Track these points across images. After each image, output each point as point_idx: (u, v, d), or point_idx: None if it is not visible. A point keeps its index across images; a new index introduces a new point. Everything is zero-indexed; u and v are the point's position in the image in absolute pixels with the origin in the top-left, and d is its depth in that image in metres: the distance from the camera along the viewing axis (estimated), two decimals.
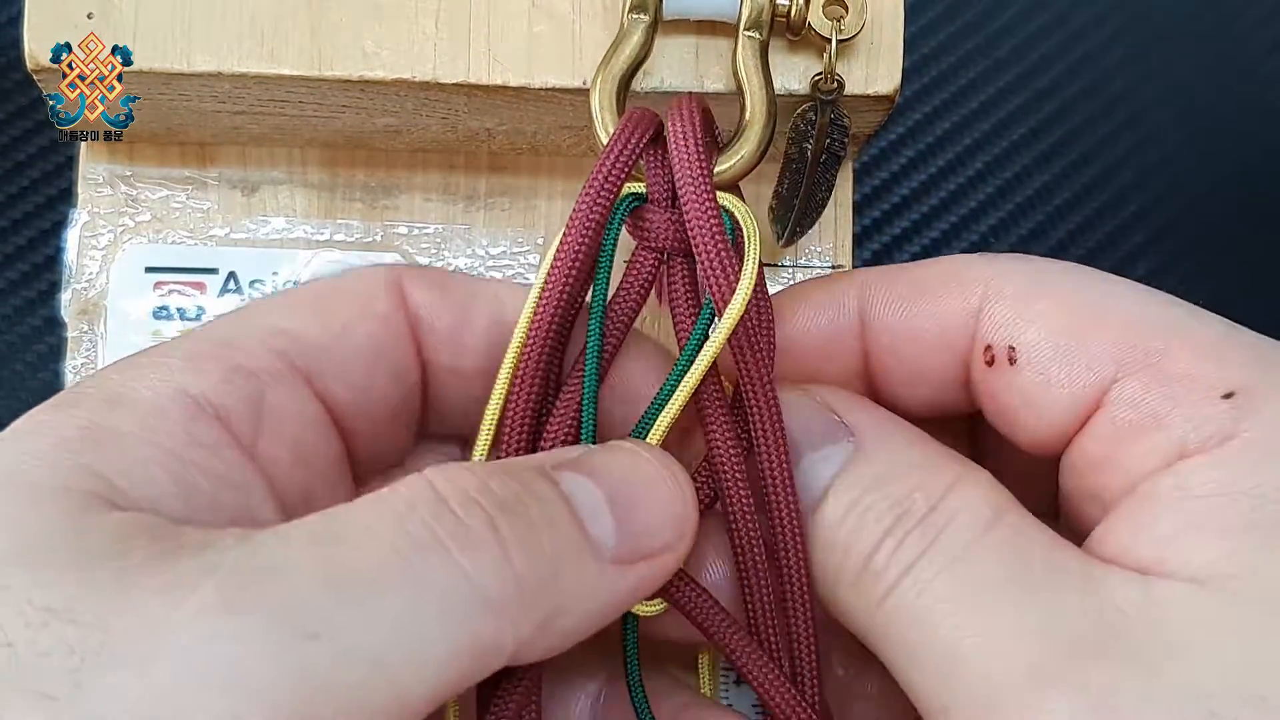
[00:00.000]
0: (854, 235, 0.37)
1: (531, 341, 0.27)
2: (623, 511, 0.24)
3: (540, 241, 0.36)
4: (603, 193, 0.27)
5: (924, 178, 0.49)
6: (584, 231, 0.27)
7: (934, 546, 0.24)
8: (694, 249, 0.26)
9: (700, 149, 0.27)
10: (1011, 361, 0.26)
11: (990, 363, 0.26)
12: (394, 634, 0.20)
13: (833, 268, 0.36)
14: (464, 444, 0.30)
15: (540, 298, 0.27)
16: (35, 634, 0.20)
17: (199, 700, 0.19)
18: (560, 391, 0.28)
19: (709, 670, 0.30)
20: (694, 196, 0.26)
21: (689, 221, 0.27)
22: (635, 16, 0.29)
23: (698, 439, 0.28)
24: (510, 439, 0.27)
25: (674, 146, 0.27)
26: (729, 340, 0.27)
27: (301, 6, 0.31)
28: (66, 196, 0.37)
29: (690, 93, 0.28)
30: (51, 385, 0.36)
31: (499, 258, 0.36)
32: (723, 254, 0.26)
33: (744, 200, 0.28)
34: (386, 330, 0.27)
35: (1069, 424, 0.25)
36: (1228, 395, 0.23)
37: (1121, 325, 0.25)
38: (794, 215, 0.32)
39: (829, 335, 0.28)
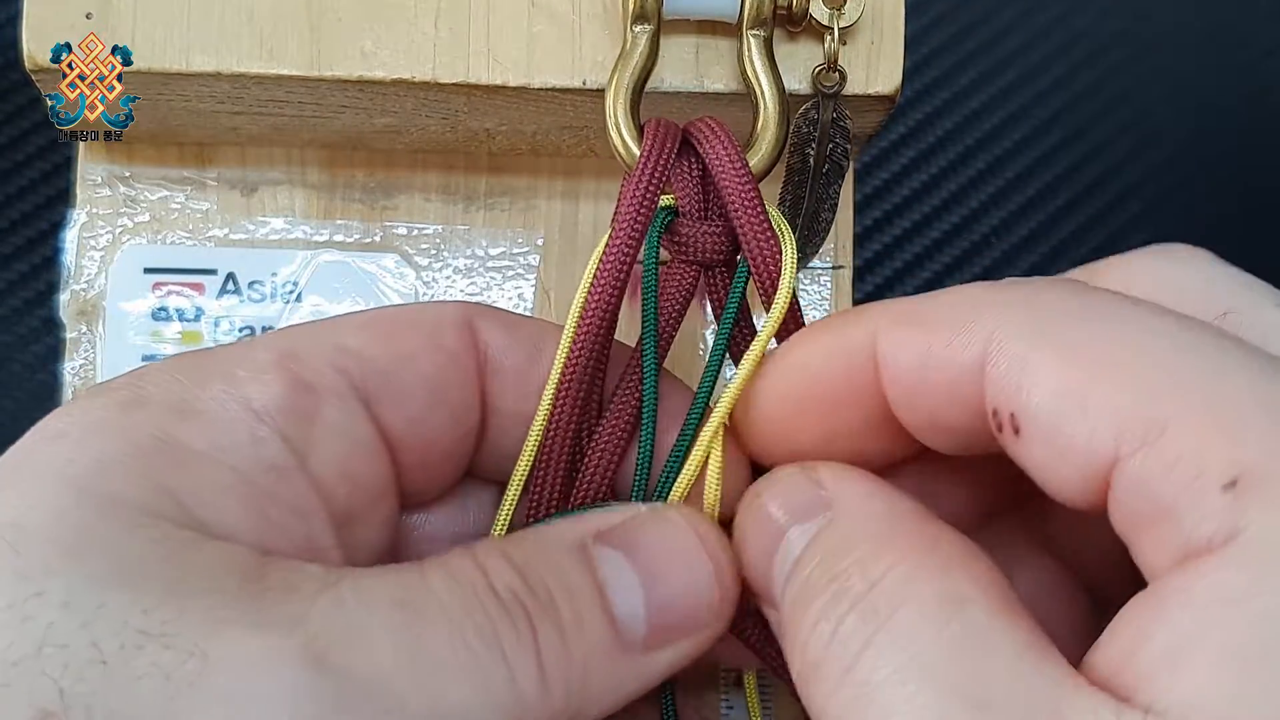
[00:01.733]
0: (855, 235, 0.37)
1: (571, 369, 0.27)
2: (657, 594, 0.24)
3: (540, 242, 0.36)
4: (642, 208, 0.27)
5: (925, 178, 0.49)
6: (625, 250, 0.27)
7: (879, 636, 0.21)
8: (750, 261, 0.27)
9: (743, 163, 0.27)
10: (1016, 431, 0.22)
11: (1000, 429, 0.23)
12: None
13: (833, 268, 0.36)
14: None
15: (580, 318, 0.27)
16: (130, 656, 0.20)
17: None
18: (603, 416, 0.28)
19: (753, 692, 0.30)
20: (746, 211, 0.27)
21: (744, 236, 0.27)
22: (639, 28, 0.29)
23: None
24: (547, 472, 0.28)
25: (716, 165, 0.27)
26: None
27: (300, 6, 0.31)
28: (65, 197, 0.37)
29: (710, 117, 0.28)
30: (49, 386, 0.36)
31: (499, 258, 0.36)
32: (777, 263, 0.27)
33: None
34: (452, 366, 0.27)
35: (1089, 498, 0.22)
36: (1229, 484, 0.19)
37: (1126, 384, 0.21)
38: (798, 236, 0.32)
39: (845, 383, 0.25)
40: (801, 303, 0.31)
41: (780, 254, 0.27)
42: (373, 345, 0.26)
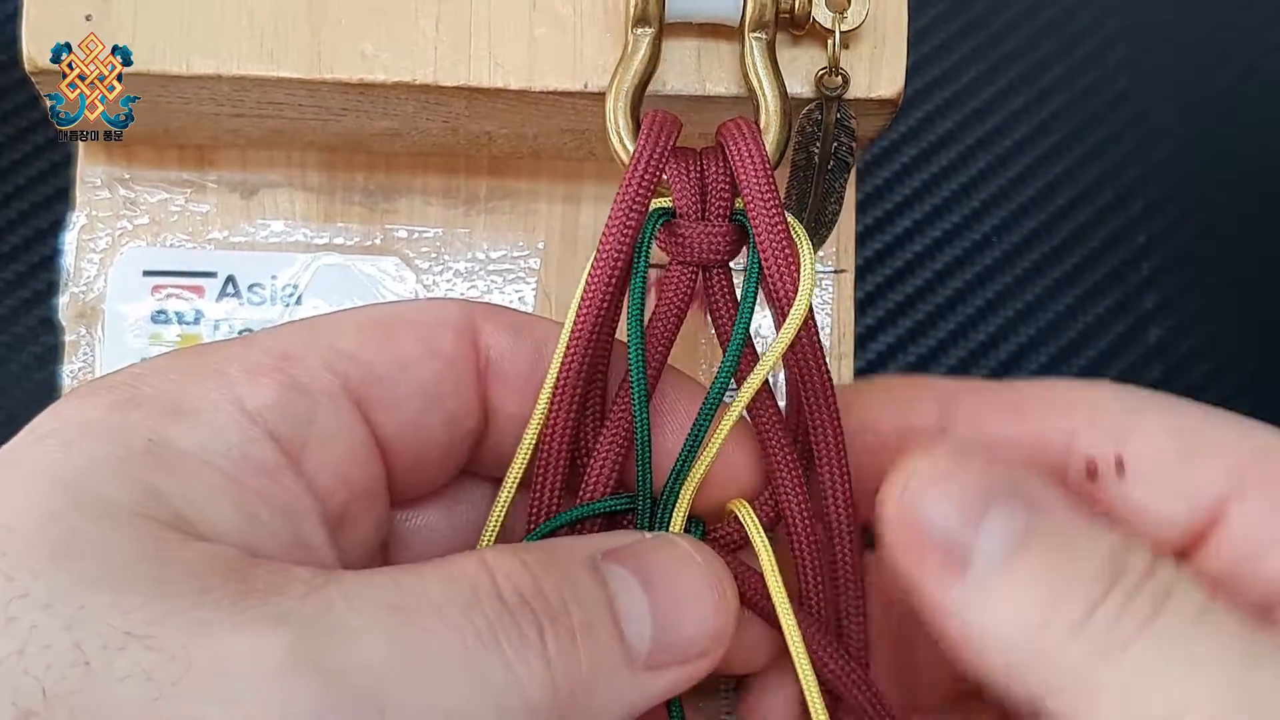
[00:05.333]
0: (855, 235, 0.37)
1: (567, 370, 0.27)
2: (663, 616, 0.24)
3: (541, 245, 0.36)
4: (636, 202, 0.27)
5: (926, 177, 0.49)
6: (618, 248, 0.27)
7: (1167, 607, 0.23)
8: (765, 265, 0.27)
9: (767, 165, 0.27)
10: (1120, 472, 0.25)
11: (1092, 476, 0.26)
12: None
13: (835, 272, 0.36)
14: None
15: (576, 320, 0.27)
16: (113, 656, 0.20)
17: None
18: (604, 421, 0.28)
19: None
20: (766, 214, 0.27)
21: (760, 239, 0.27)
22: (640, 31, 0.29)
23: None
24: (547, 472, 0.27)
25: (741, 163, 0.27)
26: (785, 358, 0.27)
27: (301, 9, 0.31)
28: (64, 196, 0.37)
29: (743, 117, 0.28)
30: (48, 385, 0.36)
31: (499, 261, 0.36)
32: (793, 267, 0.26)
33: None
34: (448, 372, 0.27)
35: (1181, 538, 0.25)
36: None
37: (1232, 443, 0.25)
38: (804, 227, 0.32)
39: (904, 437, 0.28)
40: None
41: (798, 260, 0.27)
42: (369, 349, 0.26)
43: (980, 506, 0.24)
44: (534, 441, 0.27)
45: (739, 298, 0.27)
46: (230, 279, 0.36)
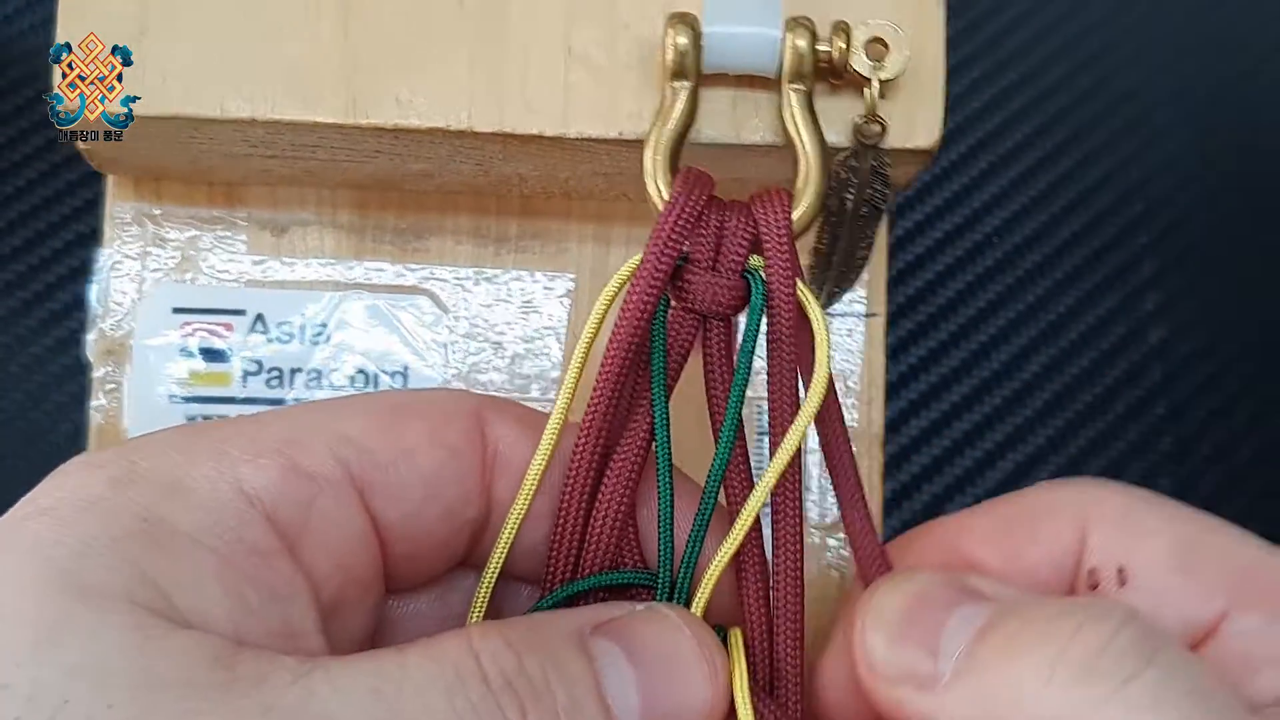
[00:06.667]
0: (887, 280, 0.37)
1: (595, 406, 0.27)
2: (651, 689, 0.24)
3: (571, 286, 0.36)
4: (666, 252, 0.27)
5: (926, 176, 0.49)
6: (649, 291, 0.27)
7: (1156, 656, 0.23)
8: (773, 327, 0.27)
9: (793, 248, 0.27)
10: (1121, 583, 0.26)
11: (1094, 586, 0.26)
12: None
13: (867, 315, 0.36)
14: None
15: (604, 366, 0.27)
16: None
17: None
18: (613, 459, 0.28)
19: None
20: (782, 292, 0.27)
21: (773, 310, 0.27)
22: (678, 84, 0.29)
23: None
24: (562, 542, 0.27)
25: (768, 237, 0.27)
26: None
27: (336, 53, 0.31)
28: (95, 235, 0.37)
29: (779, 188, 0.28)
30: (75, 435, 0.36)
31: (529, 302, 0.36)
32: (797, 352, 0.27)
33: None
34: (452, 463, 0.26)
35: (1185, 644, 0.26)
36: None
37: (1229, 557, 0.26)
38: (833, 274, 0.32)
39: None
40: (834, 352, 0.31)
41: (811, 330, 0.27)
42: (374, 437, 0.26)
43: (936, 620, 0.25)
44: (515, 528, 0.27)
45: (734, 359, 0.28)
46: (259, 317, 0.36)
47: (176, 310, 0.36)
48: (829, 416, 0.28)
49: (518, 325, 0.36)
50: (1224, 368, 0.47)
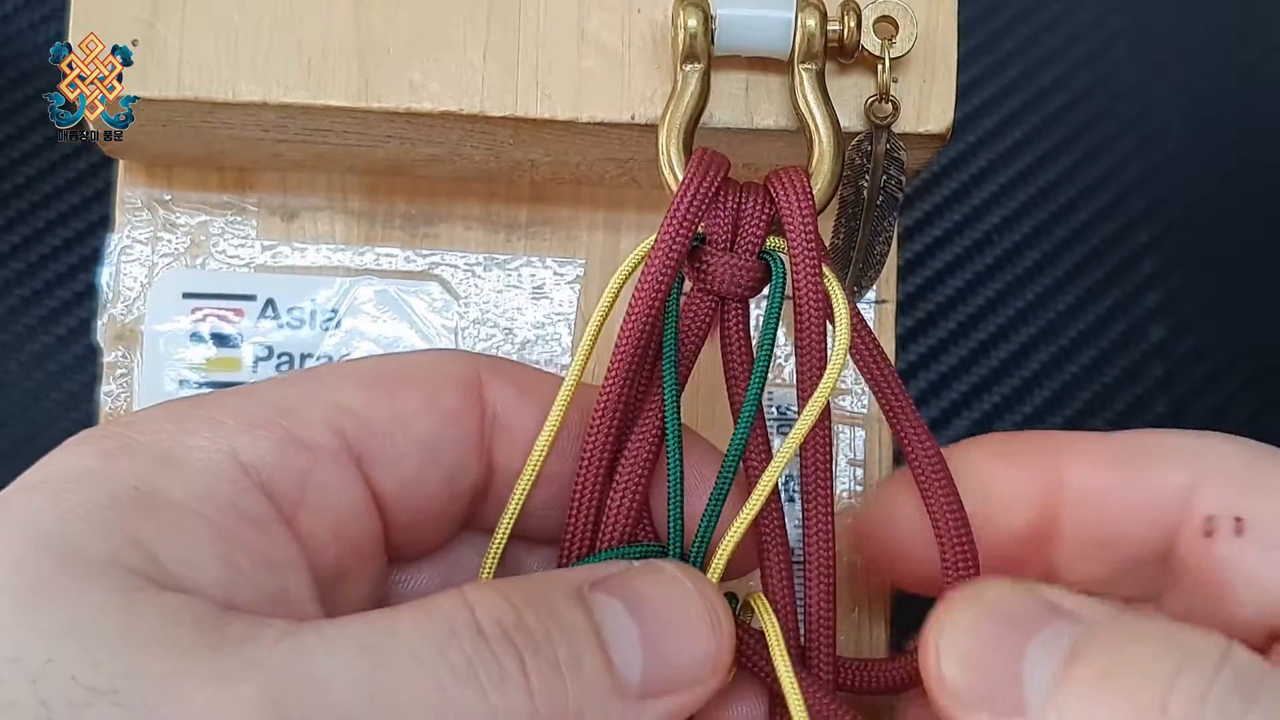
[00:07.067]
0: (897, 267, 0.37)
1: (610, 384, 0.27)
2: (654, 644, 0.24)
3: (581, 273, 0.36)
4: (682, 230, 0.27)
5: (926, 175, 0.49)
6: (664, 270, 0.26)
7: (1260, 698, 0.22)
8: (799, 306, 0.27)
9: (814, 224, 0.27)
10: (1239, 533, 0.25)
11: (1209, 534, 0.26)
12: None
13: (877, 302, 0.36)
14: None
15: (619, 343, 0.27)
16: (78, 714, 0.20)
17: None
18: (634, 428, 0.28)
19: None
20: (807, 275, 0.27)
21: (799, 289, 0.27)
22: (689, 67, 0.29)
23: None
24: (579, 518, 0.27)
25: (789, 216, 0.27)
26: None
27: (349, 37, 0.31)
28: (105, 223, 0.37)
29: (795, 167, 0.28)
30: (86, 423, 0.36)
31: (539, 287, 0.36)
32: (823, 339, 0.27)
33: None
34: (449, 428, 0.26)
35: None
36: None
37: None
38: (852, 270, 0.32)
39: (1023, 492, 0.27)
40: None
41: (832, 305, 0.27)
42: (371, 405, 0.26)
43: (1017, 644, 0.23)
44: (525, 492, 0.27)
45: (754, 339, 0.27)
46: (270, 302, 0.36)
47: (187, 295, 0.36)
48: (867, 350, 0.28)
49: (528, 311, 0.36)
50: (1224, 367, 0.47)
